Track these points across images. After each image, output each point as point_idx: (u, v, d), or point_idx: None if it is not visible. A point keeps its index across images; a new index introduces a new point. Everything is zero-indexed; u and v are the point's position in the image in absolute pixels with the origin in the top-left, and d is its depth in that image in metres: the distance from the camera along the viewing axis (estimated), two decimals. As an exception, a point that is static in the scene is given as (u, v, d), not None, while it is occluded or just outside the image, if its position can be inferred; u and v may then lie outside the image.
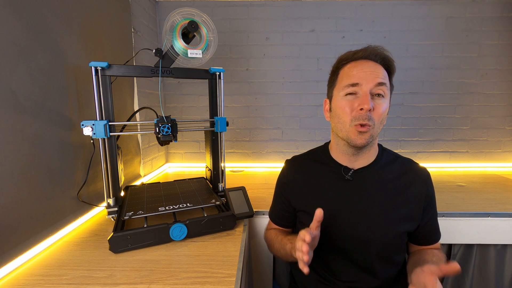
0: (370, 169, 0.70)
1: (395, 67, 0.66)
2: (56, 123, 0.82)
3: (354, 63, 0.65)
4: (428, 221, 0.70)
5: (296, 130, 1.75)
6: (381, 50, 0.64)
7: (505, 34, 1.60)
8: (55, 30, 0.82)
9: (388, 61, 0.64)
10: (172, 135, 0.88)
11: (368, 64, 0.63)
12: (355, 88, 0.63)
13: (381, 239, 0.66)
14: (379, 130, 0.65)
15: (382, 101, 0.62)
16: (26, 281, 0.61)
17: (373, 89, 0.61)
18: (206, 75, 0.98)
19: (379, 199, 0.67)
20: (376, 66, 0.63)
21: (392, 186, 0.68)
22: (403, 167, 0.71)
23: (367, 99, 0.60)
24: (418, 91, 1.67)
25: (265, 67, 1.68)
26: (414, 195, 0.68)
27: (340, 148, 0.71)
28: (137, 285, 0.59)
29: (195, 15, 0.83)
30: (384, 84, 0.62)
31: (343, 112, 0.64)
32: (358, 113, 0.62)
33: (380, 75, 0.62)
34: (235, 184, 1.05)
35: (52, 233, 0.79)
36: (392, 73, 0.66)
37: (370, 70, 0.62)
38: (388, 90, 0.64)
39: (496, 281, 1.06)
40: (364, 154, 0.69)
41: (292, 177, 0.77)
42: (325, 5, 1.61)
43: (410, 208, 0.67)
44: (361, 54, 0.64)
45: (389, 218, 0.66)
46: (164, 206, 0.84)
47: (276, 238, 0.78)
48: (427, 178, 0.70)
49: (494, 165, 1.71)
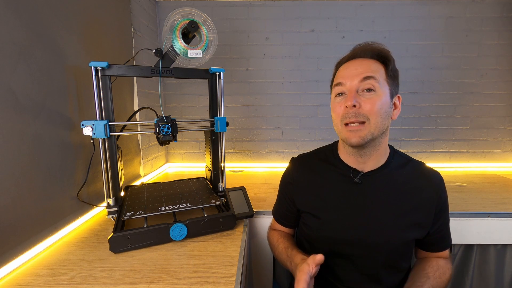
0: (380, 172, 0.67)
1: (390, 56, 0.63)
2: (56, 123, 0.82)
3: (344, 65, 0.66)
4: (439, 227, 0.67)
5: (296, 130, 1.75)
6: (371, 45, 0.64)
7: (505, 34, 1.60)
8: (55, 30, 0.82)
9: (379, 52, 0.63)
10: (172, 135, 0.88)
11: (354, 62, 0.63)
12: (341, 87, 0.63)
13: (388, 246, 0.64)
14: (381, 126, 0.61)
15: (372, 95, 0.59)
16: (26, 281, 0.61)
17: (359, 85, 0.60)
18: (206, 75, 0.98)
19: (388, 204, 0.65)
20: (362, 62, 0.62)
21: (403, 190, 0.65)
22: (415, 171, 0.68)
23: (350, 96, 0.60)
24: (418, 91, 1.67)
25: (265, 67, 1.68)
26: (425, 201, 0.65)
27: (347, 150, 0.69)
28: (137, 285, 0.59)
29: (195, 15, 0.83)
30: (372, 77, 0.59)
31: (333, 112, 0.65)
32: (344, 111, 0.61)
33: (365, 69, 0.60)
34: (235, 184, 1.05)
35: (52, 233, 0.79)
36: (389, 63, 0.63)
37: (354, 68, 0.62)
38: (381, 83, 0.60)
39: (496, 281, 1.06)
40: (371, 155, 0.66)
41: (298, 177, 0.75)
42: (325, 5, 1.61)
43: (421, 215, 0.64)
44: (350, 54, 0.65)
45: (397, 224, 0.64)
46: (164, 206, 0.84)
47: (278, 244, 0.76)
48: (440, 182, 0.67)
49: (494, 165, 1.71)
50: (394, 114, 0.65)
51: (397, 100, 0.65)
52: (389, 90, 0.62)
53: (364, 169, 0.68)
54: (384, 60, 0.63)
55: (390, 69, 0.63)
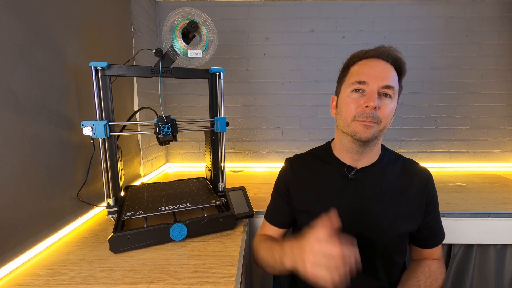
0: (373, 168, 0.70)
1: (405, 69, 0.65)
2: (56, 123, 0.82)
3: (365, 61, 0.65)
4: (429, 222, 0.70)
5: (296, 130, 1.75)
6: (393, 51, 0.64)
7: (505, 34, 1.60)
8: (55, 30, 0.82)
9: (399, 62, 0.64)
10: (172, 135, 0.88)
11: (379, 63, 0.63)
12: (362, 85, 0.63)
13: (382, 239, 0.66)
14: (385, 129, 0.65)
15: (389, 102, 0.62)
16: (26, 281, 0.61)
17: (381, 89, 0.61)
18: (206, 75, 0.98)
19: (381, 198, 0.67)
20: (386, 66, 0.63)
21: (394, 186, 0.68)
22: (405, 168, 0.71)
23: (374, 97, 0.60)
24: (418, 91, 1.67)
25: (265, 67, 1.68)
26: (415, 196, 0.68)
27: (345, 146, 0.70)
28: (137, 285, 0.59)
29: (195, 15, 0.83)
30: (393, 87, 0.62)
31: (346, 108, 0.65)
32: (363, 110, 0.62)
33: (389, 75, 0.62)
34: (235, 184, 1.05)
35: (52, 233, 0.79)
36: (402, 75, 0.66)
37: (380, 69, 0.62)
38: (397, 92, 0.64)
39: (496, 281, 1.06)
40: (368, 152, 0.69)
41: (293, 176, 0.76)
42: (325, 5, 1.61)
43: (411, 209, 0.68)
44: (373, 53, 0.64)
45: (391, 217, 0.66)
46: (164, 206, 0.84)
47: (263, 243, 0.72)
48: (429, 178, 0.70)
49: (494, 165, 1.71)
50: None
51: None
52: (397, 98, 0.66)
53: (358, 166, 0.70)
54: (401, 71, 0.65)
55: (402, 80, 0.67)
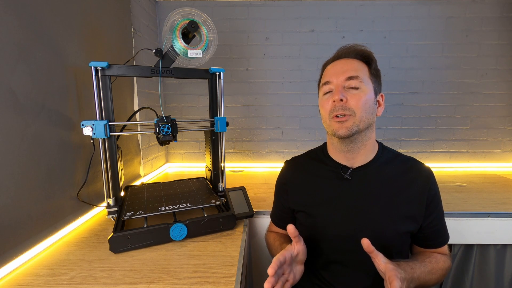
0: (369, 167, 0.69)
1: (373, 56, 0.68)
2: (56, 123, 0.82)
3: (329, 66, 0.70)
4: (432, 221, 0.68)
5: (296, 130, 1.75)
6: (354, 46, 0.69)
7: (505, 34, 1.60)
8: (55, 30, 0.82)
9: (362, 53, 0.68)
10: (172, 135, 0.88)
11: (340, 62, 0.68)
12: (329, 86, 0.67)
13: (381, 239, 0.65)
14: (366, 120, 0.65)
15: (357, 92, 0.64)
16: (26, 281, 0.61)
17: (344, 82, 0.65)
18: (206, 75, 0.98)
19: (379, 197, 0.67)
20: (347, 61, 0.67)
21: (393, 184, 0.67)
22: (404, 165, 0.70)
23: (337, 91, 0.64)
24: (418, 91, 1.67)
25: (265, 67, 1.68)
26: (415, 194, 0.66)
27: (335, 146, 0.71)
28: (137, 285, 0.59)
29: (195, 15, 0.83)
30: (356, 77, 0.64)
31: (322, 109, 0.69)
32: (332, 105, 0.65)
33: (350, 67, 0.66)
34: (235, 184, 1.05)
35: (52, 233, 0.79)
36: (372, 63, 0.68)
37: (340, 66, 0.67)
38: (365, 81, 0.65)
39: (496, 281, 1.06)
40: (359, 150, 0.68)
41: (291, 177, 0.77)
42: (325, 5, 1.62)
43: (412, 207, 0.66)
44: (335, 56, 0.71)
45: (390, 217, 0.65)
46: (164, 206, 0.84)
47: (275, 242, 0.78)
48: (430, 176, 0.69)
49: (494, 165, 1.71)
50: (378, 111, 0.70)
51: (380, 98, 0.70)
52: (373, 87, 0.67)
53: (353, 165, 0.70)
54: (367, 60, 0.68)
55: (373, 68, 0.68)
